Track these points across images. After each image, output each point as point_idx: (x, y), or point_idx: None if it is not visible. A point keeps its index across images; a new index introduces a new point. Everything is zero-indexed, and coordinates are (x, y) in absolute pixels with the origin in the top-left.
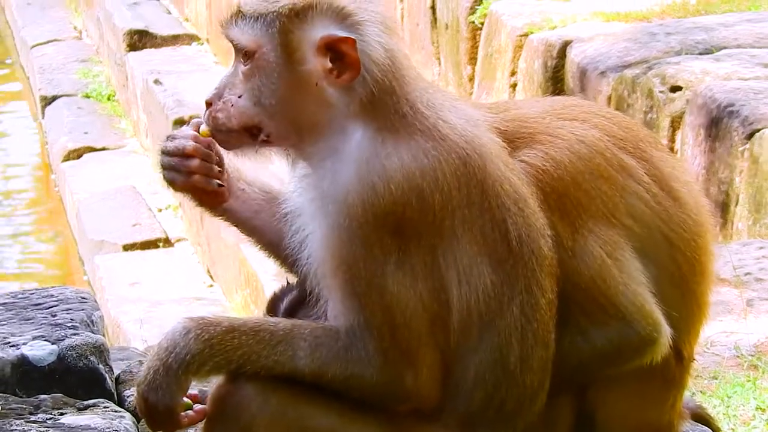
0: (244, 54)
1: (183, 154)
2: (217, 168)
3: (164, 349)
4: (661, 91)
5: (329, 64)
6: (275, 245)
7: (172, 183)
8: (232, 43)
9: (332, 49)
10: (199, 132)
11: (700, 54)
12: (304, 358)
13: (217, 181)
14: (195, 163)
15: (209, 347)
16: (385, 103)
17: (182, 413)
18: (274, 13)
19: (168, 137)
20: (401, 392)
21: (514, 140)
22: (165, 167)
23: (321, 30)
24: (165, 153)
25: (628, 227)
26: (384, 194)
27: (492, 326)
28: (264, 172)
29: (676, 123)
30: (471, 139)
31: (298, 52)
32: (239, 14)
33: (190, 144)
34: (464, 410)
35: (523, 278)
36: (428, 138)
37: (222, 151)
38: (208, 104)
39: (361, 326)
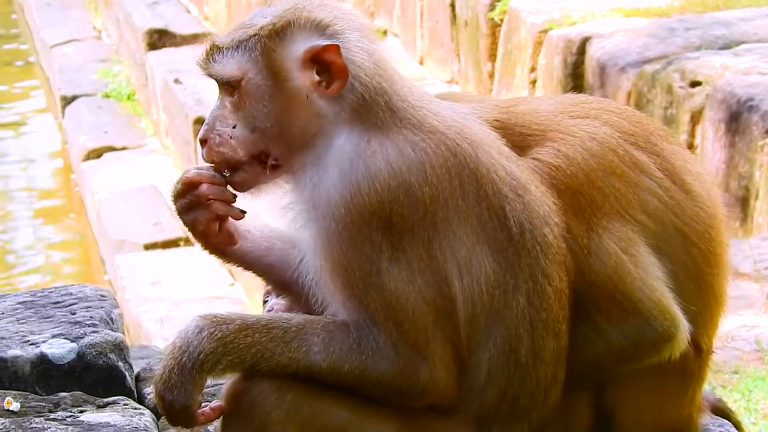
0: (229, 85)
1: (190, 184)
2: (229, 191)
3: (178, 348)
4: (680, 87)
5: (317, 77)
6: (290, 281)
7: (193, 225)
8: (216, 78)
9: (317, 60)
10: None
11: (720, 49)
12: (319, 353)
13: (239, 207)
14: (204, 188)
15: (222, 345)
16: (374, 106)
17: (199, 410)
18: (254, 38)
19: (175, 184)
20: (418, 387)
21: (525, 138)
22: (181, 211)
23: (303, 44)
24: (176, 196)
25: (642, 223)
26: (369, 192)
27: (499, 318)
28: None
29: (695, 118)
30: (460, 130)
31: (283, 70)
32: (215, 48)
33: (192, 172)
34: (480, 406)
35: (527, 267)
36: (416, 132)
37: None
38: (203, 141)
39: (367, 323)
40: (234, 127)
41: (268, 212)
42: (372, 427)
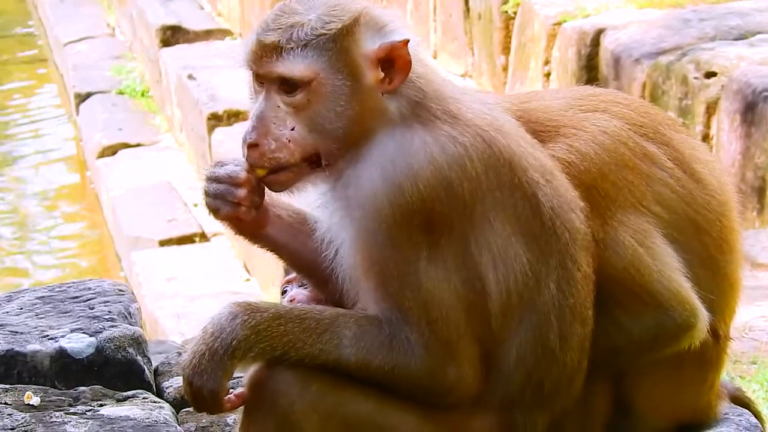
0: (293, 85)
1: (234, 183)
2: (259, 200)
3: (210, 334)
4: (695, 78)
5: (381, 74)
6: (313, 267)
7: (215, 211)
8: (277, 78)
9: (385, 57)
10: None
11: (735, 39)
12: (350, 346)
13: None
14: (243, 192)
15: (255, 333)
16: (419, 101)
17: (226, 397)
18: (326, 37)
19: (216, 163)
20: (445, 386)
21: (538, 134)
22: (210, 195)
23: (371, 42)
24: (213, 179)
25: (656, 214)
26: (412, 193)
27: (531, 305)
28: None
29: (711, 109)
30: (491, 122)
31: (357, 68)
32: (275, 48)
33: (243, 173)
34: (504, 392)
35: (557, 253)
36: (454, 126)
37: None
38: (253, 145)
39: (400, 321)
40: (293, 129)
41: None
42: (395, 416)
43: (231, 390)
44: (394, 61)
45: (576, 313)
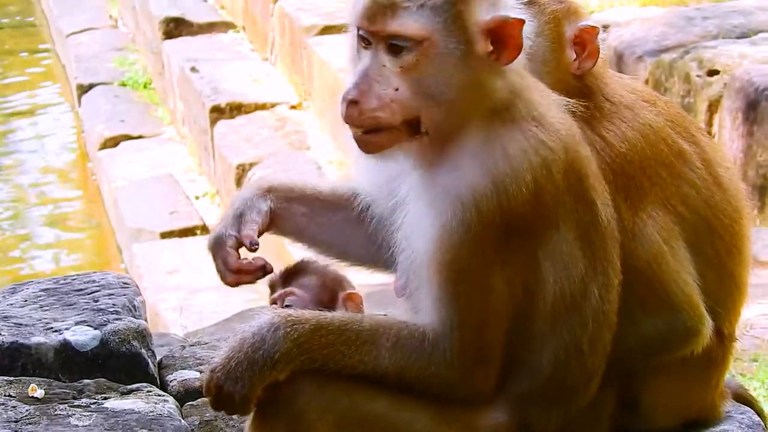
0: (403, 44)
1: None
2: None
3: (250, 344)
4: (698, 75)
5: (490, 47)
6: (342, 246)
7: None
8: (390, 36)
9: (496, 31)
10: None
11: (738, 38)
12: (388, 358)
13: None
14: (233, 278)
15: (297, 346)
16: (519, 94)
17: None
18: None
19: (214, 243)
20: (470, 390)
21: (602, 107)
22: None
23: (486, 12)
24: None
25: (680, 213)
26: (516, 195)
27: (577, 309)
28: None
29: (713, 107)
30: (569, 128)
31: (470, 35)
32: (392, 5)
33: (229, 277)
34: (524, 389)
35: (603, 260)
36: (542, 129)
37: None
38: (354, 102)
39: (453, 325)
40: (397, 90)
41: None
42: (408, 415)
43: None
44: (505, 38)
45: (608, 319)
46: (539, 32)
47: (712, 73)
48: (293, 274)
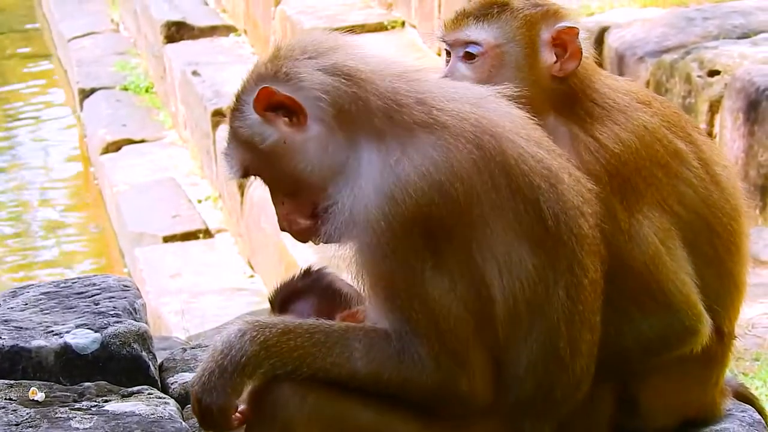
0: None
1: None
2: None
3: (219, 352)
4: (699, 76)
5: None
6: None
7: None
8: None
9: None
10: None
11: (738, 38)
12: (361, 359)
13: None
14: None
15: (264, 349)
16: (399, 110)
17: (234, 414)
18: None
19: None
20: (457, 396)
21: (594, 107)
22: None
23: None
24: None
25: (677, 213)
26: (405, 201)
27: (541, 312)
28: None
29: (714, 107)
30: (477, 121)
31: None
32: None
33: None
34: (514, 400)
35: (564, 259)
36: (429, 132)
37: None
38: None
39: (409, 334)
40: None
41: None
42: (397, 427)
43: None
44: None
45: (585, 319)
46: (511, 37)
47: (713, 73)
48: (290, 297)
